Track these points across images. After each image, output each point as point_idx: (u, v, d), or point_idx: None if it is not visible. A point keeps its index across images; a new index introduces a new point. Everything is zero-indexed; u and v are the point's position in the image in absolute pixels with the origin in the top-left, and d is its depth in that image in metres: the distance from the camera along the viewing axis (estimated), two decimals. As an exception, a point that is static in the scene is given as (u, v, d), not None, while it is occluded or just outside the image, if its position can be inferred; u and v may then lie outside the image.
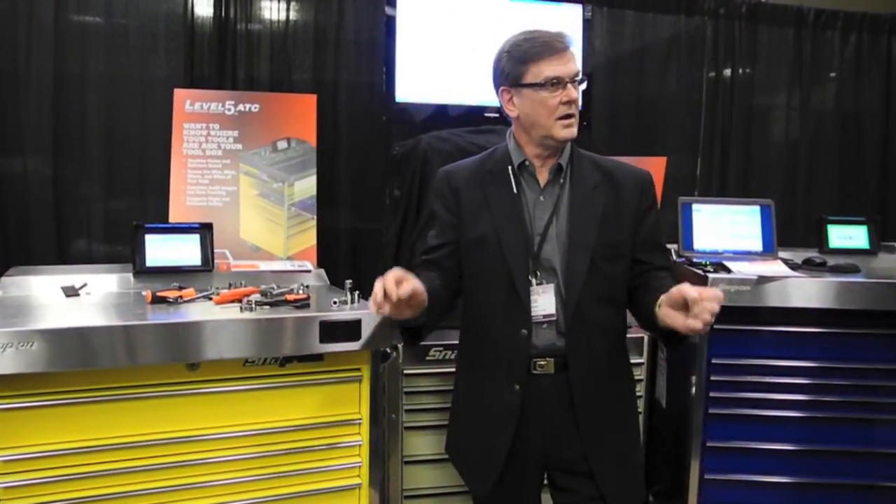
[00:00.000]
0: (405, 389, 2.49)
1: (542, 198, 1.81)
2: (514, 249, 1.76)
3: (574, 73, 1.74)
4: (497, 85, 1.84)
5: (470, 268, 1.85)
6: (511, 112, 1.82)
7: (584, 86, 1.77)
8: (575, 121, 1.75)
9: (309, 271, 2.59)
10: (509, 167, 1.82)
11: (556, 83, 1.71)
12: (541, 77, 1.72)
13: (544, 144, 1.79)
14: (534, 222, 1.79)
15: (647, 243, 1.84)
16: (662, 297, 1.62)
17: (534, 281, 1.76)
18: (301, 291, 2.20)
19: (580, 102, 1.76)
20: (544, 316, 1.76)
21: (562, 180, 1.81)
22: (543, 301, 1.76)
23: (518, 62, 1.76)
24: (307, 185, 2.84)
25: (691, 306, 1.50)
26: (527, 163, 1.82)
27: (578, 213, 1.77)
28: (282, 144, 2.84)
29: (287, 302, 2.10)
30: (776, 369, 2.58)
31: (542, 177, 1.82)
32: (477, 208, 1.82)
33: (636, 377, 2.66)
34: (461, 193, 1.85)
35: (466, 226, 1.83)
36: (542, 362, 1.77)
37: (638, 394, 2.67)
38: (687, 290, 1.52)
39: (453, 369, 2.43)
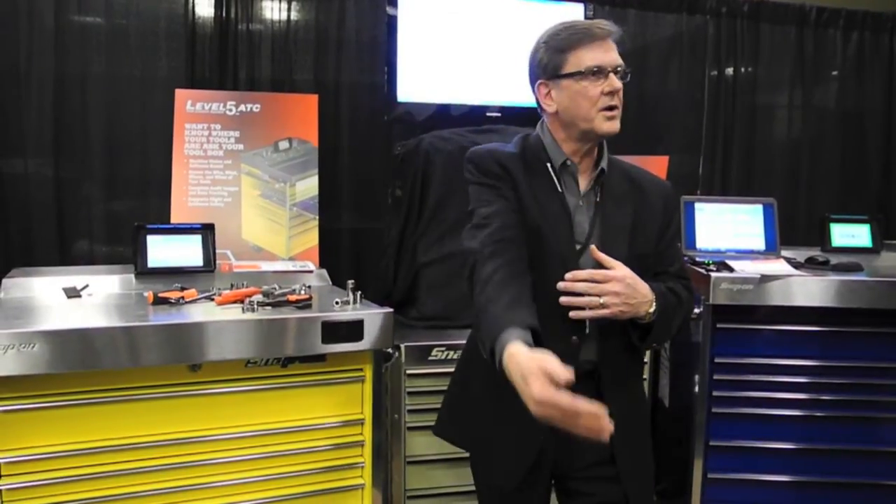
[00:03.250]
0: (408, 389, 2.49)
1: (580, 203, 1.69)
2: (566, 251, 1.65)
3: (617, 62, 1.62)
4: (534, 79, 1.70)
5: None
6: (549, 107, 1.68)
7: (627, 79, 1.64)
8: (618, 114, 1.63)
9: (311, 271, 2.59)
10: (548, 164, 1.69)
11: (598, 72, 1.60)
12: (582, 66, 1.60)
13: (585, 139, 1.66)
14: (575, 228, 1.67)
15: (665, 255, 1.77)
16: None
17: None
18: (303, 292, 2.20)
19: (622, 98, 1.64)
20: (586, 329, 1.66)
21: (598, 186, 1.70)
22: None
23: (557, 52, 1.63)
24: (309, 186, 2.84)
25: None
26: (568, 163, 1.68)
27: (610, 224, 1.68)
28: (283, 145, 2.84)
29: (289, 302, 2.10)
30: (779, 368, 2.57)
31: (584, 180, 1.70)
32: (527, 197, 1.66)
33: (639, 377, 2.66)
34: (515, 175, 1.67)
35: (526, 213, 1.66)
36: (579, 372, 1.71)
37: (641, 393, 2.68)
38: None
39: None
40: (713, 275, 2.48)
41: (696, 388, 2.58)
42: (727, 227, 2.84)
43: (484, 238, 1.59)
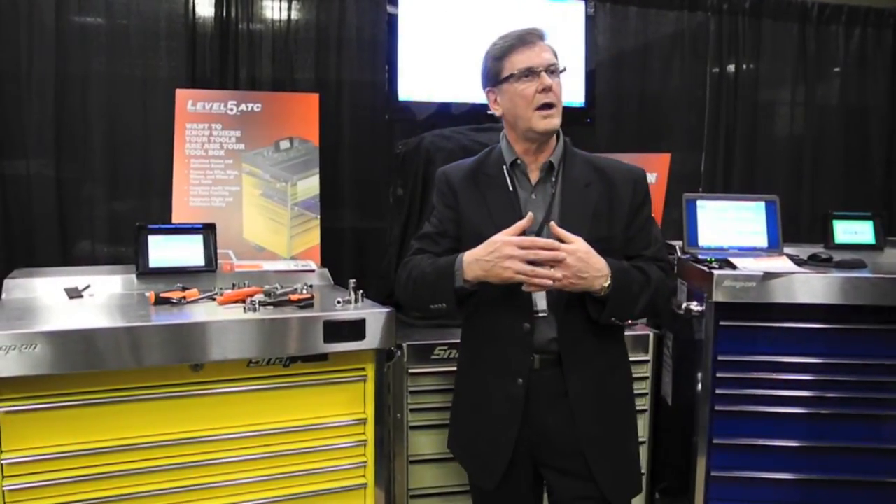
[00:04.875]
0: (410, 388, 2.48)
1: (533, 196, 1.83)
2: None
3: (548, 63, 1.76)
4: (483, 87, 1.89)
5: None
6: (497, 111, 1.87)
7: (561, 77, 1.80)
8: (555, 111, 1.77)
9: (312, 271, 2.59)
10: (504, 166, 1.85)
11: (530, 73, 1.75)
12: (514, 69, 1.77)
13: (529, 138, 1.81)
14: None
15: (637, 238, 1.86)
16: None
17: None
18: (305, 291, 2.19)
19: (561, 94, 1.79)
20: (537, 312, 1.79)
21: (554, 178, 1.83)
22: (537, 297, 1.79)
23: (496, 59, 1.81)
24: (310, 185, 2.84)
25: None
26: (518, 161, 1.85)
27: (570, 210, 1.79)
28: (284, 144, 2.84)
29: (291, 302, 2.10)
30: (782, 366, 2.57)
31: (534, 175, 1.85)
32: (475, 207, 1.85)
33: (642, 374, 2.66)
34: (459, 193, 1.88)
35: (466, 224, 1.86)
36: (542, 357, 1.79)
37: (644, 391, 2.67)
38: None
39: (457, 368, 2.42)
40: (716, 272, 2.48)
41: (699, 386, 2.57)
42: (729, 225, 2.84)
43: (416, 248, 1.92)
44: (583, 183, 1.83)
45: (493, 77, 1.83)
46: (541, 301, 1.79)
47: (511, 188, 1.83)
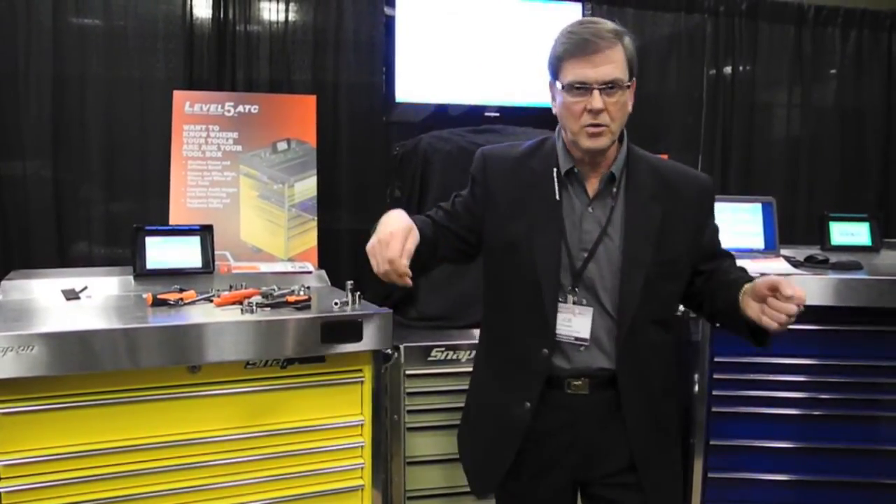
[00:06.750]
0: (407, 390, 2.48)
1: (590, 209, 1.64)
2: (547, 264, 1.62)
3: (605, 79, 1.53)
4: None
5: (495, 272, 1.74)
6: (554, 108, 1.66)
7: (616, 96, 1.55)
8: (605, 130, 1.56)
9: (310, 272, 2.59)
10: (554, 169, 1.66)
11: (579, 89, 1.54)
12: (565, 80, 1.56)
13: (577, 148, 1.63)
14: (581, 236, 1.63)
15: (709, 255, 1.72)
16: (746, 286, 1.53)
17: (571, 299, 1.63)
18: (302, 293, 2.19)
19: (620, 112, 1.57)
20: (576, 339, 1.63)
21: (615, 189, 1.64)
22: (578, 323, 1.63)
23: (554, 58, 1.60)
24: (307, 186, 2.83)
25: (770, 303, 1.43)
26: (575, 170, 1.65)
27: (633, 227, 1.61)
28: (282, 145, 2.84)
29: (288, 303, 2.10)
30: (779, 367, 2.57)
31: (592, 186, 1.65)
32: (511, 210, 1.66)
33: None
34: (496, 192, 1.69)
35: (497, 226, 1.68)
36: (577, 382, 1.64)
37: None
38: (782, 283, 1.41)
39: (455, 370, 2.43)
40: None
41: (696, 388, 2.57)
42: (726, 226, 2.79)
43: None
44: (647, 195, 1.64)
45: (552, 73, 1.62)
46: (584, 328, 1.62)
47: (557, 197, 1.64)
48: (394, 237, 1.42)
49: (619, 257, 1.61)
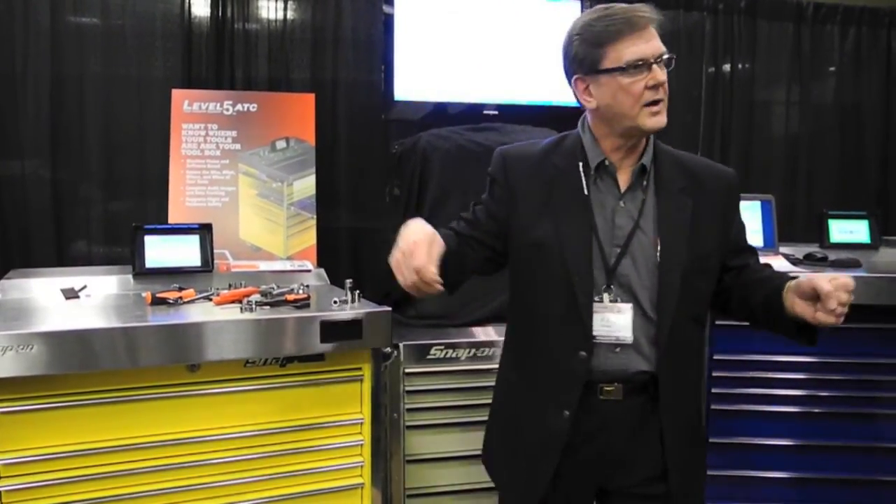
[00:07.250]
0: (407, 388, 2.48)
1: (622, 203, 1.58)
2: (580, 261, 1.55)
3: (660, 51, 1.49)
4: (569, 74, 1.59)
5: (524, 274, 1.66)
6: (588, 103, 1.58)
7: (672, 66, 1.52)
8: (664, 107, 1.52)
9: (309, 271, 2.59)
10: (580, 164, 1.60)
11: (640, 65, 1.48)
12: (622, 60, 1.48)
13: (628, 135, 1.56)
14: (614, 231, 1.57)
15: (737, 249, 1.67)
16: (790, 284, 1.48)
17: (607, 298, 1.55)
18: (301, 291, 2.19)
19: (667, 88, 1.53)
20: (617, 339, 1.55)
21: (645, 183, 1.59)
22: (619, 322, 1.55)
23: (593, 45, 1.52)
24: (306, 185, 2.83)
25: (823, 300, 1.37)
26: (607, 163, 1.59)
27: (667, 222, 1.56)
28: (280, 144, 2.84)
29: (287, 302, 2.10)
30: (778, 365, 2.57)
31: (624, 179, 1.59)
32: (536, 209, 1.60)
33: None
34: (519, 191, 1.63)
35: (523, 226, 1.61)
36: (610, 388, 1.56)
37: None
38: (819, 282, 1.38)
39: (454, 368, 2.42)
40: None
41: (695, 385, 2.58)
42: (725, 224, 2.84)
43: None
44: (676, 188, 1.59)
45: (589, 65, 1.53)
46: (625, 328, 1.55)
47: (586, 191, 1.57)
48: (417, 246, 1.37)
49: (652, 253, 1.55)
